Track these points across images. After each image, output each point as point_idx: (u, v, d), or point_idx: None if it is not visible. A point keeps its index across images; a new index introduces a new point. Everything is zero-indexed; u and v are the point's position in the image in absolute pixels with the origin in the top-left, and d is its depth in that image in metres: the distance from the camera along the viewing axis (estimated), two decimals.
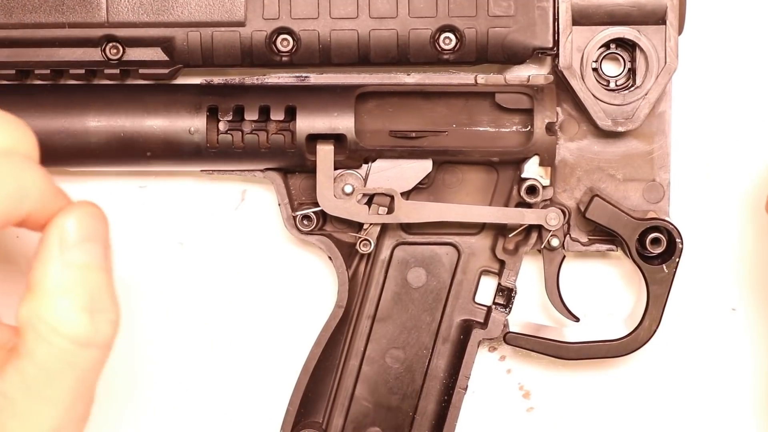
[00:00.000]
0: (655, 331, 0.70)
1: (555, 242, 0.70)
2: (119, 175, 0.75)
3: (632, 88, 0.67)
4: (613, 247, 0.71)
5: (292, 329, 0.76)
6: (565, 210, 0.70)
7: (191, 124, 0.67)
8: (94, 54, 0.67)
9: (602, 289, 0.76)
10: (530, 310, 0.75)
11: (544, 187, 0.69)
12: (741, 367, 0.76)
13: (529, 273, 0.74)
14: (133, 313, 0.76)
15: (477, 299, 0.72)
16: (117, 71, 0.68)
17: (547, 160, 0.69)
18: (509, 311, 0.72)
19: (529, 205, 0.69)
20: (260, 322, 0.76)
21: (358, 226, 0.70)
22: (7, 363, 0.50)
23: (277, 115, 0.67)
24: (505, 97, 0.69)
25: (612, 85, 0.68)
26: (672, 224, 0.68)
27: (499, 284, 0.72)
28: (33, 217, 0.50)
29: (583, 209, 0.69)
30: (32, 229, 0.51)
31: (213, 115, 0.68)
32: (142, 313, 0.76)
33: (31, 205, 0.49)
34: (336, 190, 0.69)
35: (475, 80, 0.70)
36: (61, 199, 0.51)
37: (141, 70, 0.68)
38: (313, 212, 0.71)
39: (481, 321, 0.72)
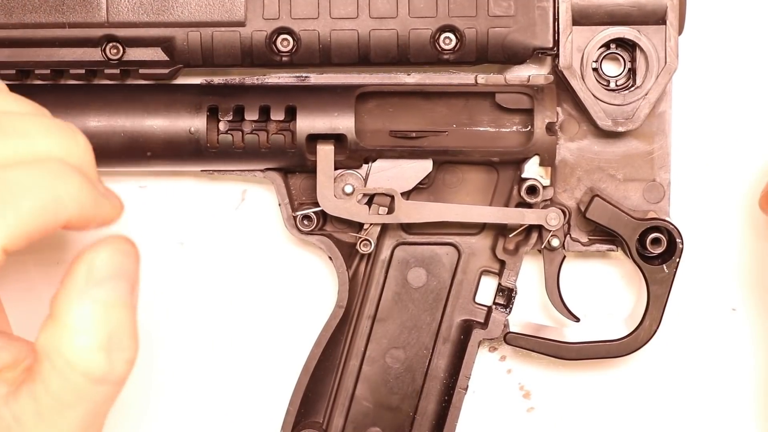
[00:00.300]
0: (655, 331, 0.70)
1: (555, 242, 0.70)
2: (119, 175, 0.75)
3: (632, 88, 0.67)
4: (614, 247, 0.71)
5: (293, 329, 0.76)
6: (566, 210, 0.70)
7: (191, 124, 0.67)
8: (94, 54, 0.67)
9: (602, 289, 0.76)
10: (530, 310, 0.75)
11: (544, 187, 0.69)
12: (741, 367, 0.76)
13: (529, 273, 0.74)
14: None
15: (477, 299, 0.72)
16: (117, 71, 0.68)
17: (548, 160, 0.69)
18: (509, 311, 0.72)
19: (529, 205, 0.69)
20: (260, 322, 0.76)
21: (359, 226, 0.70)
22: (23, 385, 0.50)
23: (277, 115, 0.67)
24: (506, 97, 0.69)
25: (612, 85, 0.68)
26: (672, 224, 0.68)
27: (500, 284, 0.72)
28: (73, 224, 0.50)
29: (583, 209, 0.69)
30: (75, 230, 0.51)
31: (213, 115, 0.68)
32: (141, 312, 0.76)
33: (68, 215, 0.49)
34: (336, 190, 0.69)
35: (476, 80, 0.70)
36: (104, 205, 0.51)
37: (141, 70, 0.68)
38: (313, 212, 0.71)
39: (482, 321, 0.72)
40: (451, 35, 0.67)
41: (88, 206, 0.50)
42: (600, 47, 0.67)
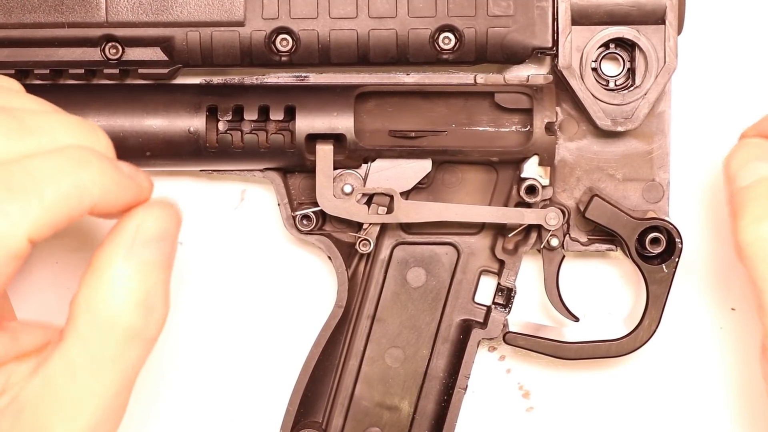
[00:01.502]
0: (654, 330, 0.70)
1: (554, 242, 0.70)
2: None
3: (632, 88, 0.67)
4: (613, 246, 0.71)
5: (292, 329, 0.76)
6: (565, 210, 0.70)
7: (191, 124, 0.67)
8: (93, 54, 0.67)
9: (602, 289, 0.76)
10: (530, 310, 0.75)
11: (543, 187, 0.69)
12: (741, 367, 0.76)
13: (528, 273, 0.74)
14: None
15: (476, 299, 0.72)
16: (116, 71, 0.68)
17: (547, 159, 0.69)
18: (509, 311, 0.72)
19: (528, 205, 0.69)
20: (260, 322, 0.76)
21: (358, 226, 0.70)
22: (52, 349, 0.50)
23: (276, 115, 0.68)
24: (505, 96, 0.69)
25: (611, 85, 0.68)
26: (671, 224, 0.68)
27: (499, 284, 0.72)
28: (99, 209, 0.51)
29: (582, 209, 0.69)
30: (101, 217, 0.52)
31: (212, 114, 0.68)
32: None
33: (92, 200, 0.50)
34: (335, 190, 0.69)
35: (475, 80, 0.70)
36: (132, 188, 0.52)
37: (140, 70, 0.68)
38: (312, 212, 0.71)
39: (481, 321, 0.72)
40: (451, 35, 0.67)
41: (112, 190, 0.51)
42: (599, 47, 0.67)
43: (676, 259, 0.69)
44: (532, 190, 0.69)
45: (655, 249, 0.68)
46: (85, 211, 0.50)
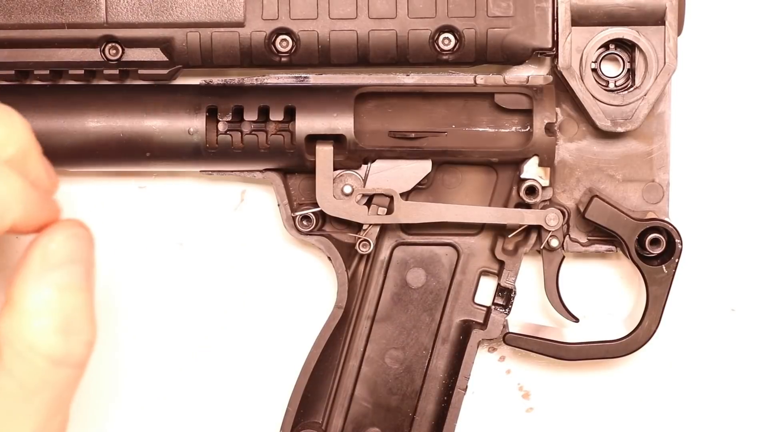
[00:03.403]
0: (654, 331, 0.70)
1: (554, 243, 0.70)
2: (119, 175, 0.75)
3: (631, 89, 0.67)
4: (613, 247, 0.71)
5: (292, 330, 0.76)
6: (565, 210, 0.70)
7: (190, 125, 0.67)
8: (93, 54, 0.67)
9: (602, 290, 0.76)
10: (530, 311, 0.75)
11: (543, 188, 0.69)
12: (741, 367, 0.76)
13: (528, 273, 0.74)
14: (132, 314, 0.76)
15: (476, 300, 0.72)
16: (116, 72, 0.68)
17: (547, 160, 0.69)
18: (509, 312, 0.72)
19: (528, 206, 0.69)
20: (260, 323, 0.76)
21: (358, 227, 0.70)
22: None
23: (276, 116, 0.67)
24: (505, 97, 0.69)
25: (611, 86, 0.68)
26: (671, 225, 0.68)
27: (499, 285, 0.72)
28: (18, 227, 0.50)
29: (582, 210, 0.69)
30: (20, 234, 0.51)
31: (212, 115, 0.68)
32: (141, 313, 0.76)
33: (13, 217, 0.49)
34: (335, 191, 0.69)
35: (475, 81, 0.70)
36: (50, 206, 0.51)
37: (140, 71, 0.68)
38: (312, 213, 0.71)
39: (481, 321, 0.72)
40: (450, 36, 0.67)
41: (33, 207, 0.50)
42: (599, 48, 0.67)
43: (676, 260, 0.69)
44: (531, 190, 0.69)
45: (654, 250, 0.68)
46: (5, 228, 0.49)
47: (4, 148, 0.50)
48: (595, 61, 0.67)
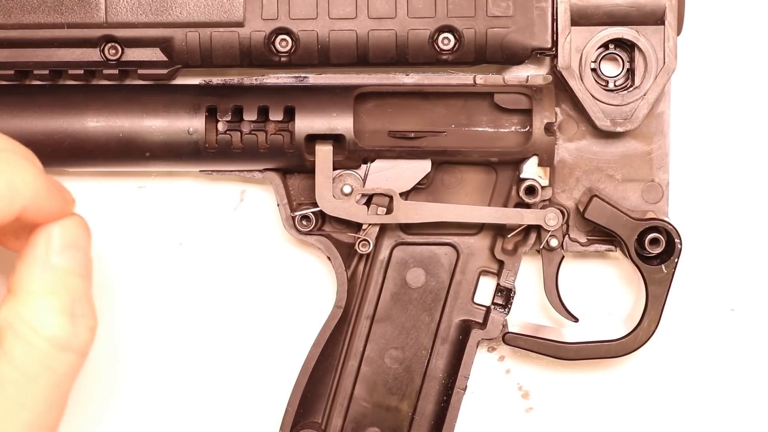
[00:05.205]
0: (654, 331, 0.70)
1: (554, 242, 0.70)
2: (118, 175, 0.75)
3: (631, 89, 0.67)
4: (612, 247, 0.71)
5: (291, 329, 0.76)
6: (564, 210, 0.70)
7: (190, 125, 0.67)
8: (92, 54, 0.67)
9: (601, 290, 0.76)
10: (529, 311, 0.75)
11: (542, 188, 0.69)
12: (740, 367, 0.76)
13: (528, 273, 0.74)
14: (132, 313, 0.76)
15: (476, 299, 0.72)
16: (116, 71, 0.68)
17: (546, 160, 0.69)
18: (508, 311, 0.72)
19: (527, 206, 0.69)
20: (259, 323, 0.76)
21: (357, 227, 0.70)
22: None
23: (275, 116, 0.67)
24: (504, 97, 0.69)
25: (611, 86, 0.68)
26: (671, 224, 0.68)
27: (498, 284, 0.72)
28: (27, 215, 0.50)
29: (582, 209, 0.69)
30: (29, 221, 0.52)
31: (212, 115, 0.68)
32: (141, 313, 0.76)
33: (23, 203, 0.50)
34: (335, 191, 0.69)
35: (474, 81, 0.70)
36: (57, 198, 0.52)
37: (140, 71, 0.68)
38: (311, 212, 0.71)
39: (480, 321, 0.72)
40: (450, 36, 0.67)
41: (42, 195, 0.51)
42: (599, 47, 0.67)
43: (676, 260, 0.69)
44: (531, 190, 0.69)
45: (654, 249, 0.68)
46: (15, 213, 0.50)
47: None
48: (595, 61, 0.67)
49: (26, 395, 0.50)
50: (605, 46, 0.67)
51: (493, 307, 0.72)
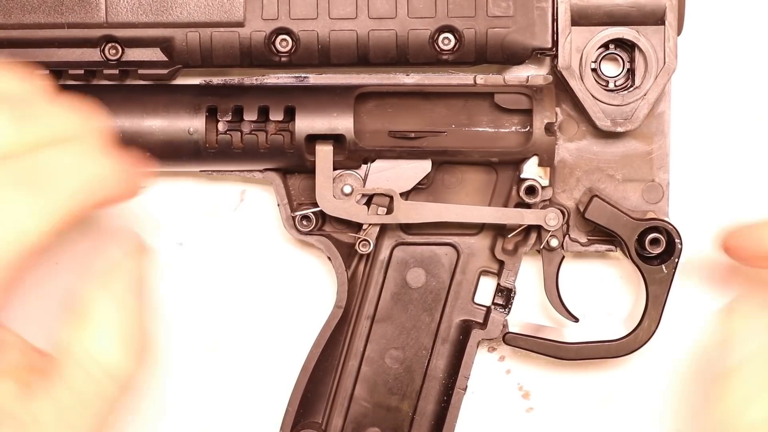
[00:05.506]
0: (654, 331, 0.70)
1: (554, 242, 0.70)
2: None
3: (631, 89, 0.67)
4: (613, 247, 0.71)
5: (292, 330, 0.76)
6: (565, 210, 0.70)
7: (190, 125, 0.67)
8: (93, 54, 0.67)
9: (601, 290, 0.76)
10: (529, 311, 0.75)
11: (543, 188, 0.69)
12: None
13: (528, 273, 0.74)
14: None
15: (476, 299, 0.72)
16: (116, 71, 0.68)
17: (546, 160, 0.69)
18: (508, 311, 0.72)
19: (528, 206, 0.69)
20: (259, 323, 0.76)
21: (357, 227, 0.70)
22: (37, 385, 0.51)
23: (276, 116, 0.67)
24: (504, 97, 0.69)
25: (611, 86, 0.68)
26: (671, 224, 0.68)
27: (499, 284, 0.72)
28: (109, 201, 0.52)
29: (582, 209, 0.69)
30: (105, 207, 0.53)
31: (212, 115, 0.68)
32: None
33: (104, 193, 0.51)
34: (335, 191, 0.69)
35: (474, 81, 0.70)
36: (131, 180, 0.53)
37: (140, 71, 0.68)
38: (312, 212, 0.71)
39: (481, 321, 0.72)
40: (450, 36, 0.67)
41: (119, 183, 0.52)
42: (599, 48, 0.67)
43: (676, 260, 0.69)
44: (531, 190, 0.69)
45: (654, 249, 0.68)
46: (97, 203, 0.51)
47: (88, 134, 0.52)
48: (595, 61, 0.67)
49: (80, 420, 0.51)
50: (605, 46, 0.67)
51: (493, 307, 0.72)
